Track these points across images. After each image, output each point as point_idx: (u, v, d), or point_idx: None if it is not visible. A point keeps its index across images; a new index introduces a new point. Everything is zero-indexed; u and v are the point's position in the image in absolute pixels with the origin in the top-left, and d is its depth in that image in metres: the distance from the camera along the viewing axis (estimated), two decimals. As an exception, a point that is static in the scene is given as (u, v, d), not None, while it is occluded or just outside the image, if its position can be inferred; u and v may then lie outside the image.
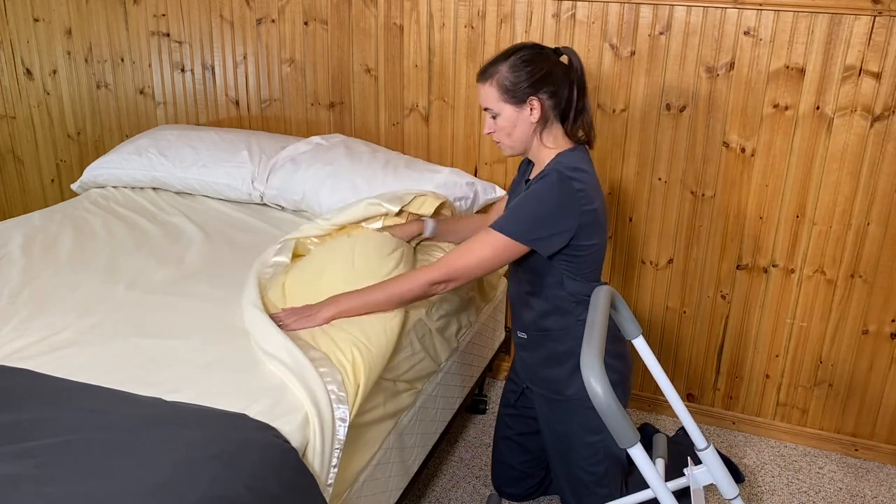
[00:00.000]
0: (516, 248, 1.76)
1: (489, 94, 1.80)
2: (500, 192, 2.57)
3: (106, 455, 1.30)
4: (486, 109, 1.84)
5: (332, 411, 1.51)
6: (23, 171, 3.45)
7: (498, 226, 1.76)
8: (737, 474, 2.35)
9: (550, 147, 1.85)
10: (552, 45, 2.41)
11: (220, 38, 2.88)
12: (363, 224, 2.16)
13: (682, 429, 2.35)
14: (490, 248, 1.75)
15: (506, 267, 2.56)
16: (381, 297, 1.78)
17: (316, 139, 2.70)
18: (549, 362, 1.93)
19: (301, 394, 1.51)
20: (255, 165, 2.57)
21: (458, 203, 2.45)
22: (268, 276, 1.97)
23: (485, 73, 1.81)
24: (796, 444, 2.56)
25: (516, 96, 1.78)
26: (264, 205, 2.60)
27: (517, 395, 2.12)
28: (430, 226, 2.18)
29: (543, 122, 1.82)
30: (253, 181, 2.55)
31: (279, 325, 1.71)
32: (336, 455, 1.51)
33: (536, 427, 2.10)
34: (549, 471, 2.18)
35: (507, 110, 1.80)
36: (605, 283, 1.91)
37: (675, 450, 2.18)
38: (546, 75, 1.78)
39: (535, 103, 1.78)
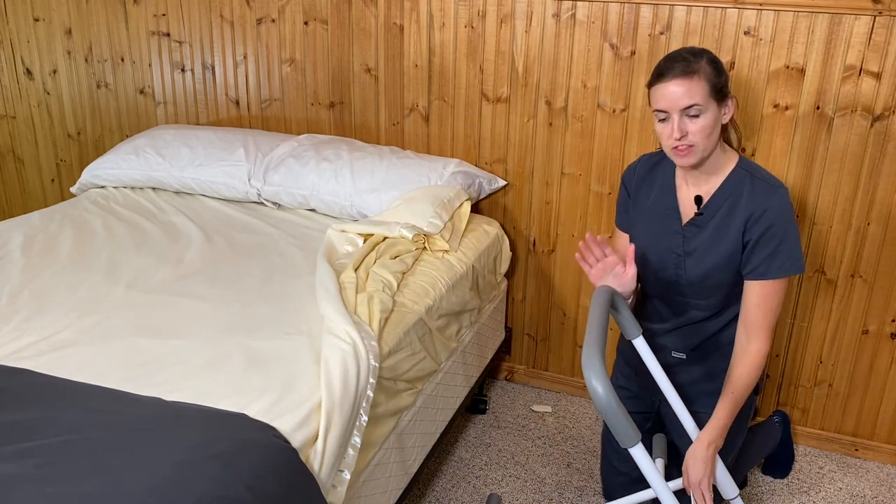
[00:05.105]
0: None
1: (700, 89, 1.63)
2: (502, 183, 2.61)
3: (106, 455, 1.30)
4: (688, 108, 1.64)
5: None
6: (23, 171, 3.45)
7: (783, 270, 1.71)
8: (790, 458, 2.40)
9: (727, 152, 1.78)
10: (553, 45, 2.42)
11: (220, 37, 2.88)
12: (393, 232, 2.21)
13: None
14: (783, 293, 1.75)
15: (505, 268, 2.57)
16: (741, 395, 1.75)
17: (315, 136, 2.71)
18: (711, 377, 1.89)
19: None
20: (252, 163, 2.57)
21: (467, 192, 2.49)
22: (343, 263, 2.06)
23: (688, 68, 1.63)
24: (796, 444, 2.56)
25: (722, 93, 1.67)
26: (261, 203, 2.60)
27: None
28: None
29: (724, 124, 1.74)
30: (249, 179, 2.55)
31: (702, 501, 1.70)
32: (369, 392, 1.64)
33: (646, 429, 2.05)
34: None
35: (714, 108, 1.66)
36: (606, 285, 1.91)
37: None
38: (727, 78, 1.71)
39: (731, 103, 1.71)
